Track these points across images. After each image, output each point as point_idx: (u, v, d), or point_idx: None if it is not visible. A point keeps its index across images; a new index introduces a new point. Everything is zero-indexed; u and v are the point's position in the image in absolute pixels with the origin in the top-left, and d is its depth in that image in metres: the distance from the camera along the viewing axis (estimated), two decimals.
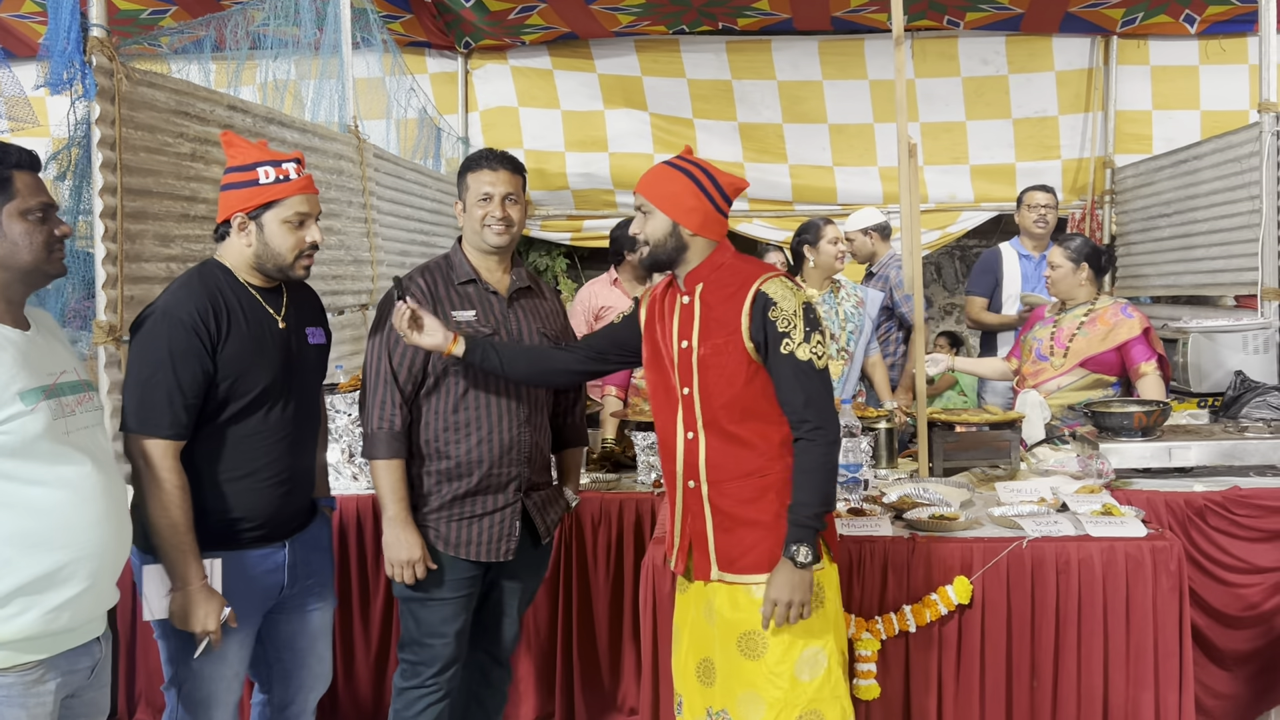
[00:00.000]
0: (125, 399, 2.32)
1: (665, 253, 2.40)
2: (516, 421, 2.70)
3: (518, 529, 2.71)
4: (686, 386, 2.39)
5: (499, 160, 2.71)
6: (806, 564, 2.27)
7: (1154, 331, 4.00)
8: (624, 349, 2.63)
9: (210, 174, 3.74)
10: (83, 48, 3.14)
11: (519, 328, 2.72)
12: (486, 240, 2.69)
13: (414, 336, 2.54)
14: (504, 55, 6.77)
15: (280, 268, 2.45)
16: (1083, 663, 2.77)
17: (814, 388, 2.31)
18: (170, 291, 2.38)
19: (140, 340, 2.32)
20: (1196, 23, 6.19)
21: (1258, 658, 3.24)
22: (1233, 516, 3.17)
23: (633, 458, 3.67)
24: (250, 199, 2.39)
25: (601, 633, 3.41)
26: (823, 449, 2.31)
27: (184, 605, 2.28)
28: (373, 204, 5.20)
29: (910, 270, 3.46)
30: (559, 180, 6.90)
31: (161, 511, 2.26)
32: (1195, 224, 5.43)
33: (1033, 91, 6.57)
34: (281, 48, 4.66)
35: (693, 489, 2.41)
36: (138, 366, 2.30)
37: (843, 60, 6.57)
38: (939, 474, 3.49)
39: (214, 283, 2.40)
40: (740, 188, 2.48)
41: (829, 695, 2.38)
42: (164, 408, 2.27)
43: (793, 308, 2.31)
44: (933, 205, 6.74)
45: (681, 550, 2.48)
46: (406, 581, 2.60)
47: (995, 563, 2.77)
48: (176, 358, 2.28)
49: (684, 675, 2.50)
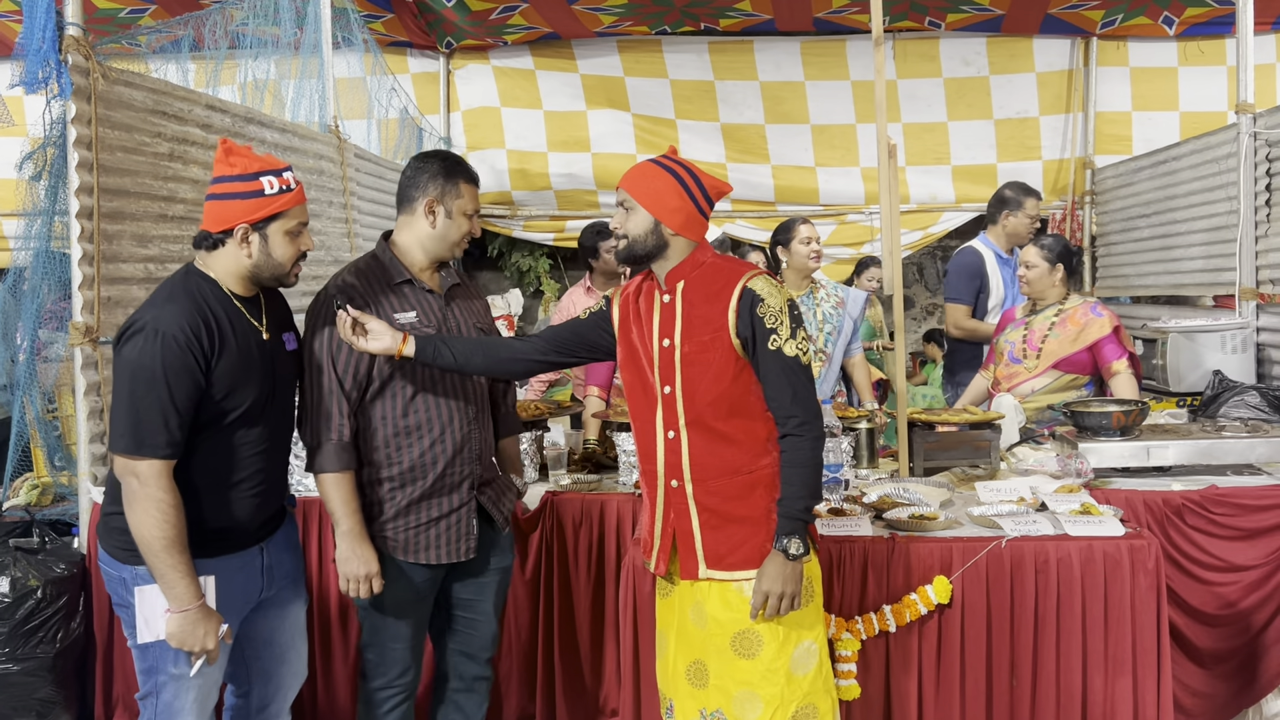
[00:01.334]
0: (115, 417, 2.25)
1: (644, 249, 2.39)
2: (466, 420, 2.67)
3: (475, 527, 2.69)
4: (668, 385, 2.38)
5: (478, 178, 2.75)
6: (798, 556, 2.29)
7: (1124, 330, 4.03)
8: (587, 345, 2.59)
9: (188, 174, 3.72)
10: (58, 46, 3.12)
11: (458, 325, 2.69)
12: (456, 252, 2.69)
13: (361, 343, 2.49)
14: (486, 55, 6.76)
15: (278, 277, 2.42)
16: (1061, 661, 2.78)
17: (800, 384, 2.32)
18: (156, 304, 2.29)
19: (131, 357, 2.24)
20: (1175, 24, 6.23)
21: (1235, 656, 3.26)
22: (1210, 515, 3.19)
23: (614, 458, 3.67)
24: (257, 210, 2.32)
25: (583, 634, 3.40)
26: (810, 444, 2.32)
27: (183, 626, 2.25)
28: (353, 204, 5.18)
29: (890, 271, 3.46)
30: (541, 181, 6.89)
31: (156, 531, 2.21)
32: (1174, 224, 5.47)
33: (1013, 92, 6.61)
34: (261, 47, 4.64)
35: (676, 488, 2.40)
36: (129, 384, 2.22)
37: (824, 61, 6.60)
38: (919, 474, 3.50)
39: (200, 295, 2.33)
40: (724, 191, 2.47)
41: (821, 688, 2.40)
42: (159, 428, 2.21)
43: (779, 304, 2.32)
44: (914, 206, 6.77)
45: (663, 551, 2.46)
46: (362, 596, 2.56)
47: (975, 562, 2.77)
48: (171, 376, 2.21)
49: (673, 678, 2.49)
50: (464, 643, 2.82)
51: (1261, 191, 4.60)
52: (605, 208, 6.91)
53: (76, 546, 3.32)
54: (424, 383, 2.61)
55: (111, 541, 2.35)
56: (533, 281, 7.18)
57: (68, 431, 3.81)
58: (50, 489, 3.74)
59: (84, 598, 3.24)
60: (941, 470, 3.52)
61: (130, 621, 2.34)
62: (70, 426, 3.72)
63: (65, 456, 3.76)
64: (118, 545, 2.33)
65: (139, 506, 2.22)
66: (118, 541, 2.33)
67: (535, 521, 3.36)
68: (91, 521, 3.25)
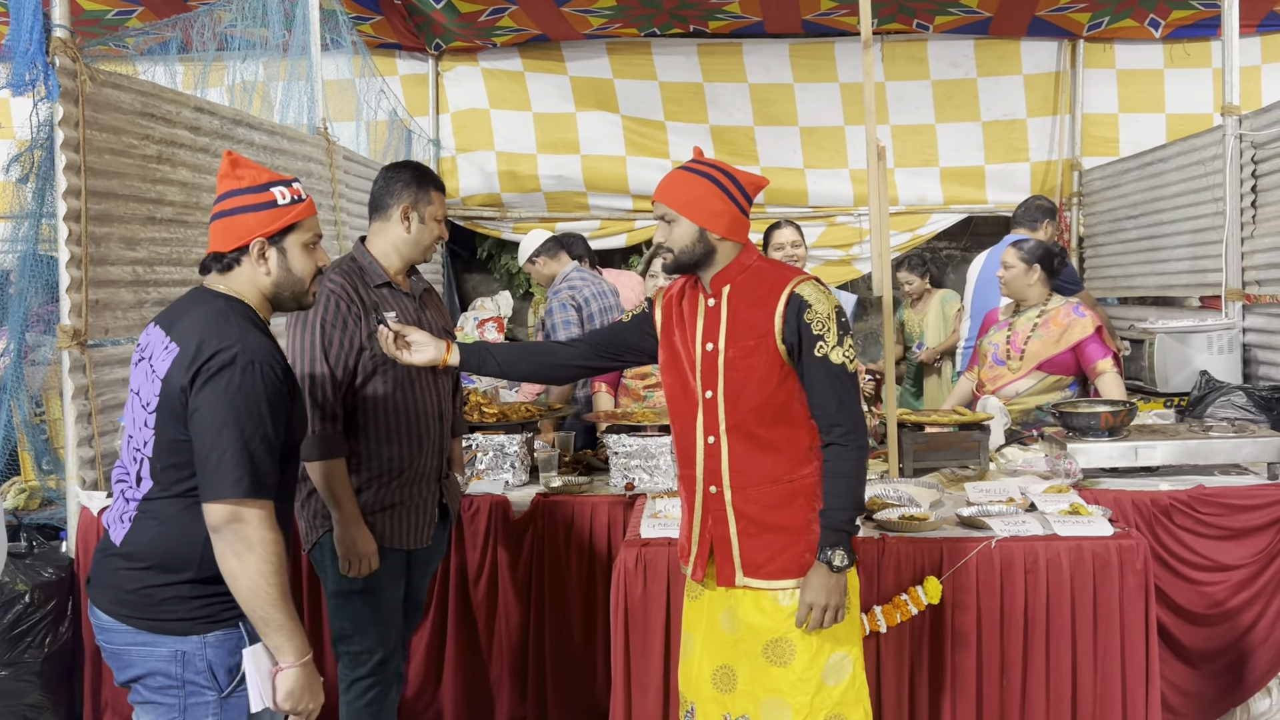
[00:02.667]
0: (219, 460, 1.95)
1: (692, 258, 2.34)
2: (433, 415, 2.80)
3: (435, 514, 2.87)
4: (710, 390, 2.34)
5: None
6: (842, 568, 2.26)
7: (1105, 329, 4.04)
8: (630, 347, 2.57)
9: (177, 176, 3.71)
10: (45, 49, 3.11)
11: (430, 326, 2.80)
12: (427, 256, 2.83)
13: (406, 356, 2.51)
14: (475, 57, 6.75)
15: (297, 295, 2.21)
16: (1051, 661, 2.80)
17: (846, 392, 2.29)
18: (231, 330, 2.04)
19: (229, 391, 1.98)
20: (1161, 27, 6.27)
21: (1223, 655, 3.27)
22: (1198, 515, 3.20)
23: (605, 460, 3.67)
24: (272, 222, 2.12)
25: (573, 636, 3.40)
26: (855, 454, 2.29)
27: (299, 681, 2.02)
28: (342, 206, 5.17)
29: (880, 273, 3.47)
30: (531, 183, 6.88)
31: (275, 579, 1.97)
32: (1161, 226, 5.50)
33: (1001, 94, 6.63)
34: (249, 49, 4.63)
35: (714, 494, 2.37)
36: (236, 422, 1.96)
37: (813, 63, 6.61)
38: (909, 474, 3.51)
39: (257, 322, 2.12)
40: (761, 185, 2.43)
41: (853, 699, 2.38)
42: (270, 467, 2.00)
43: (826, 311, 2.28)
44: (903, 207, 6.78)
45: (701, 556, 2.42)
46: (363, 574, 2.67)
47: (964, 562, 2.78)
48: (272, 410, 2.01)
49: (697, 683, 2.45)
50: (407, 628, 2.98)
51: (1247, 193, 4.63)
52: (595, 210, 6.92)
53: (65, 551, 3.31)
54: (401, 380, 2.72)
55: (160, 613, 2.04)
56: (522, 283, 7.17)
57: (55, 435, 3.80)
58: (38, 493, 3.72)
59: (72, 602, 3.22)
60: (931, 471, 3.53)
61: (178, 706, 2.05)
62: (58, 430, 3.70)
63: (53, 460, 3.74)
64: (171, 616, 2.03)
65: (253, 556, 1.96)
66: (172, 611, 2.03)
67: (526, 523, 3.36)
68: (81, 526, 3.24)
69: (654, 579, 2.79)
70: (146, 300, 3.52)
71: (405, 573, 2.84)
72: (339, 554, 2.66)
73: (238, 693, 2.06)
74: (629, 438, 3.48)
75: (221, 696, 2.06)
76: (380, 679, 2.77)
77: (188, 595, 2.03)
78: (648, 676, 2.80)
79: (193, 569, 2.03)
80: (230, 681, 2.06)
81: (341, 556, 2.66)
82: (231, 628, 2.06)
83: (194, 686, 2.05)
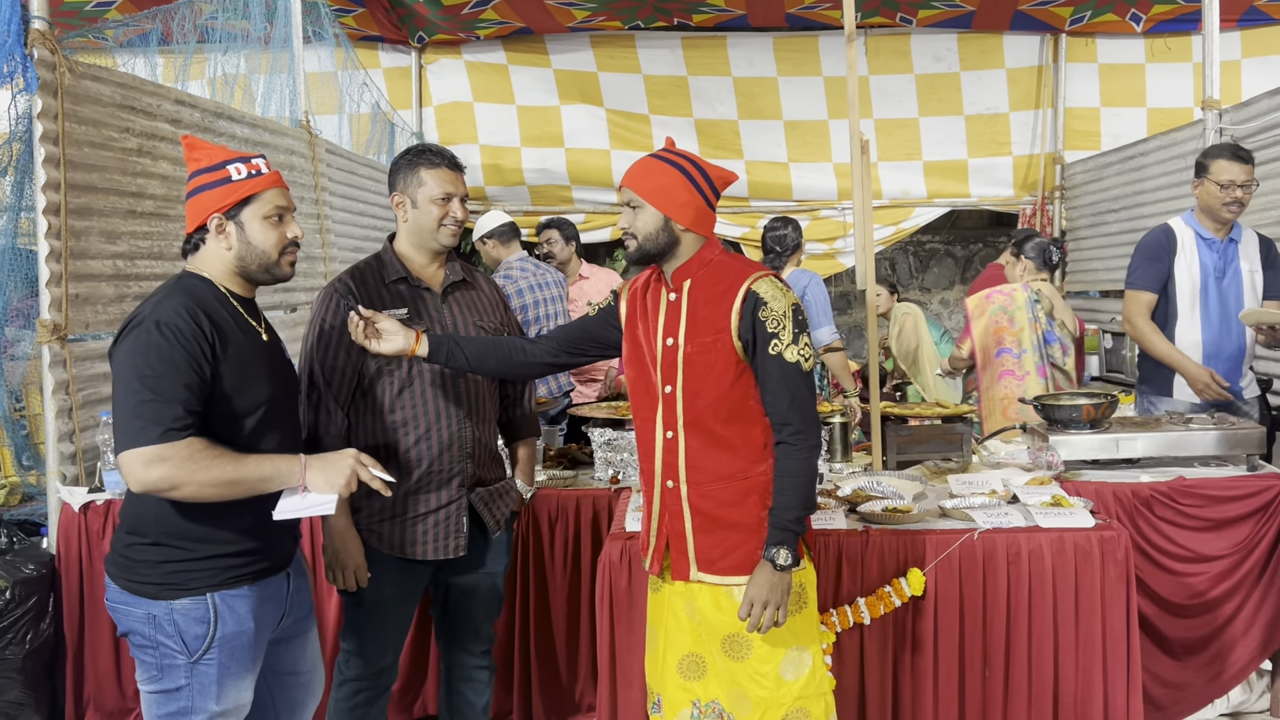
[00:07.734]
0: (121, 417, 2.05)
1: (655, 247, 2.34)
2: (456, 417, 2.65)
3: (465, 525, 2.67)
4: (669, 385, 2.35)
5: (453, 160, 2.68)
6: (786, 566, 2.26)
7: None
8: (597, 342, 2.57)
9: (158, 170, 3.68)
10: (24, 40, 3.08)
11: (454, 324, 2.68)
12: (440, 241, 2.65)
13: (374, 345, 2.47)
14: (458, 50, 6.73)
15: (266, 266, 2.27)
16: (1033, 652, 2.82)
17: (799, 390, 2.29)
18: (152, 303, 2.15)
19: (130, 352, 2.08)
20: (1142, 21, 6.31)
21: (1205, 646, 3.30)
22: (1178, 506, 3.23)
23: (590, 454, 3.67)
24: (226, 197, 2.20)
25: (559, 629, 3.40)
26: (805, 453, 2.29)
27: (320, 467, 2.16)
28: (325, 199, 5.15)
29: (863, 266, 3.48)
30: (515, 176, 6.88)
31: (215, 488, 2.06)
32: (1142, 219, 5.53)
33: (984, 88, 6.67)
34: (231, 41, 4.60)
35: (671, 489, 2.38)
36: (135, 378, 2.05)
37: (797, 57, 6.62)
38: (892, 467, 3.53)
39: (196, 291, 2.20)
40: (729, 180, 2.43)
41: (814, 692, 2.38)
42: (177, 412, 2.04)
43: (783, 308, 2.28)
44: (886, 201, 6.81)
45: (658, 550, 2.43)
46: (349, 588, 2.58)
47: (948, 554, 2.80)
48: (178, 362, 2.06)
49: (663, 673, 2.46)
50: (458, 639, 2.85)
51: None
52: (579, 203, 6.91)
53: (45, 547, 3.28)
54: (411, 379, 2.60)
55: (135, 576, 2.15)
56: None
57: (35, 430, 3.77)
58: (18, 489, 3.70)
59: (53, 598, 3.21)
60: (914, 464, 3.55)
61: (155, 664, 2.15)
62: (38, 425, 3.67)
63: (33, 456, 3.71)
64: (144, 579, 2.14)
65: (191, 483, 2.04)
66: (144, 575, 2.14)
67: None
68: (62, 522, 3.22)
69: (639, 572, 2.80)
70: (127, 294, 3.49)
71: (424, 585, 2.72)
72: (325, 561, 2.59)
73: (204, 659, 2.16)
74: (614, 431, 3.48)
75: (190, 661, 2.15)
76: (372, 686, 2.69)
77: (155, 560, 2.14)
78: (633, 669, 2.80)
79: (151, 531, 2.14)
80: (199, 649, 2.15)
81: (326, 565, 2.59)
82: (199, 595, 2.15)
83: (166, 649, 2.15)
